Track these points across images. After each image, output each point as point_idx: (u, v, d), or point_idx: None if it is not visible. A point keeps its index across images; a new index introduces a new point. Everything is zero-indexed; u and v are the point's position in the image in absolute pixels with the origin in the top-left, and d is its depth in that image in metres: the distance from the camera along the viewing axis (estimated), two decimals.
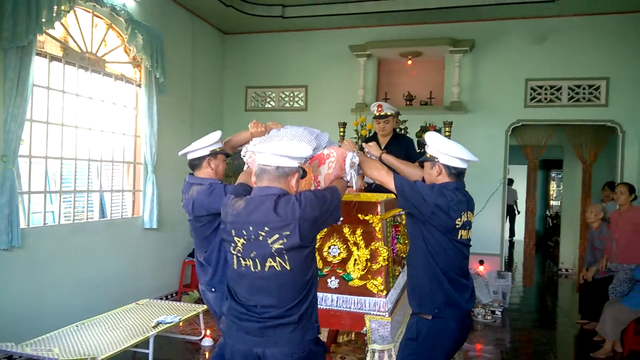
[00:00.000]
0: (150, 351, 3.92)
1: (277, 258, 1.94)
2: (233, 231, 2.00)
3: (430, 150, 2.49)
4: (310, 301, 2.02)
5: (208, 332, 4.74)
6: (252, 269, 1.97)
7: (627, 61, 6.07)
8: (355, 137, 5.53)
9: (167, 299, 6.17)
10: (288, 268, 1.94)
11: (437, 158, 2.44)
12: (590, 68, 6.19)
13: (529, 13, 6.20)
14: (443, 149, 2.42)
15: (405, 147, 4.16)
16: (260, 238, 1.94)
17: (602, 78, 6.16)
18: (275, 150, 1.99)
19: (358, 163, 2.51)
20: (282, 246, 1.92)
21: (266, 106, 7.52)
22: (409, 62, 6.72)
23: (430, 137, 2.50)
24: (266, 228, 1.93)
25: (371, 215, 2.80)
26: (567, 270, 8.98)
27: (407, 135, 5.19)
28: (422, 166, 2.63)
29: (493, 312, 5.90)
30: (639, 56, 6.01)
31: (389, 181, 2.43)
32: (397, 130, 5.40)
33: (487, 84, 6.54)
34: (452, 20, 6.50)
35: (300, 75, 7.26)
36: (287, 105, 7.41)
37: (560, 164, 10.35)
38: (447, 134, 5.32)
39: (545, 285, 8.13)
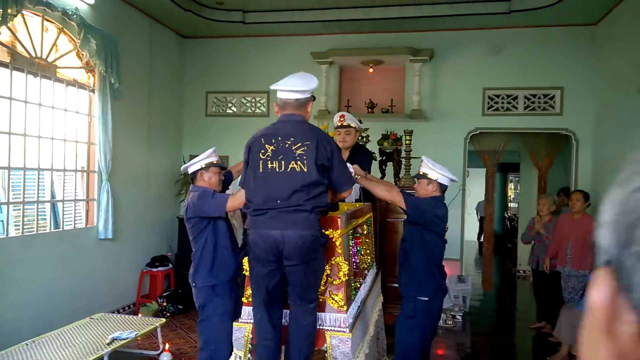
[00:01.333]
0: None
1: (299, 162, 2.46)
2: (263, 139, 2.53)
3: (424, 170, 3.26)
4: (317, 202, 2.49)
5: (167, 346, 4.61)
6: (277, 170, 2.48)
7: (579, 72, 6.29)
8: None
9: (124, 310, 5.97)
10: (305, 170, 2.46)
11: (431, 176, 3.22)
12: (545, 78, 6.38)
13: (486, 24, 6.34)
14: (440, 170, 3.23)
15: (366, 159, 4.18)
16: (287, 145, 2.48)
17: (556, 88, 6.36)
18: (293, 86, 2.57)
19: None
20: (303, 152, 2.48)
21: (227, 112, 7.40)
22: (371, 70, 6.76)
23: (427, 161, 3.28)
24: (292, 138, 2.49)
25: (331, 230, 2.77)
26: (524, 272, 9.23)
27: (367, 145, 5.21)
28: (415, 180, 3.40)
29: (454, 317, 5.99)
30: (591, 67, 6.23)
31: (400, 200, 3.16)
32: (359, 138, 5.43)
33: (447, 93, 6.65)
34: (412, 30, 6.57)
35: (262, 81, 7.16)
36: (248, 111, 7.32)
37: (517, 167, 10.66)
38: (407, 142, 5.37)
39: (503, 288, 8.34)
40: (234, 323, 2.85)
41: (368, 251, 3.79)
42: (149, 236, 6.50)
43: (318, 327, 2.71)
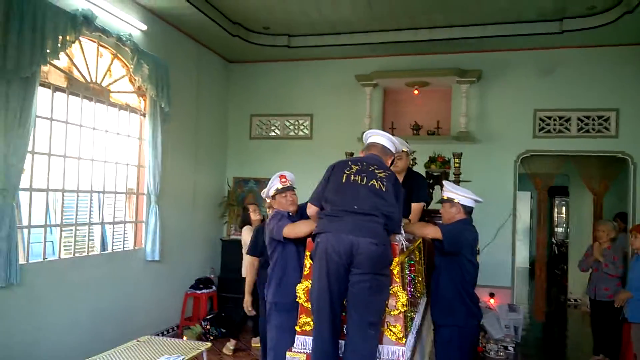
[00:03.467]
0: None
1: (379, 182, 2.64)
2: (349, 162, 2.78)
3: (447, 194, 3.39)
4: (390, 223, 2.60)
5: None
6: (359, 182, 2.64)
7: (636, 92, 6.02)
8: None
9: (167, 333, 5.97)
10: (384, 189, 2.62)
11: (454, 199, 3.34)
12: (599, 99, 6.14)
13: (536, 44, 6.18)
14: (461, 192, 3.35)
15: (422, 188, 4.10)
16: (370, 169, 2.70)
17: (611, 109, 6.10)
18: (387, 135, 2.95)
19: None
20: (384, 176, 2.68)
21: (270, 134, 7.44)
22: (416, 91, 6.67)
23: (447, 184, 3.48)
24: (375, 166, 2.73)
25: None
26: (575, 300, 8.79)
27: (413, 167, 5.09)
28: (440, 203, 3.48)
29: (505, 348, 5.72)
30: None
31: (437, 233, 3.22)
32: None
33: (495, 114, 6.48)
34: (458, 51, 6.47)
35: (305, 104, 7.20)
36: (291, 133, 7.33)
37: (564, 190, 10.26)
38: (456, 164, 5.21)
39: (554, 317, 7.93)
40: (287, 353, 2.76)
41: (420, 279, 3.66)
42: (194, 258, 6.53)
43: None
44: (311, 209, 2.87)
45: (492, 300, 6.16)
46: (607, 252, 5.23)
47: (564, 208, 11.83)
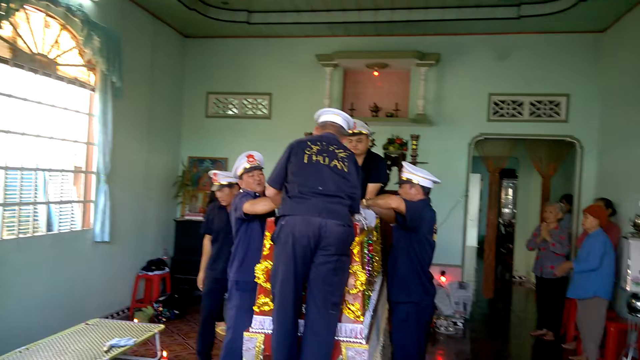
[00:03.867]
0: None
1: (340, 162, 2.65)
2: (308, 142, 2.70)
3: (407, 175, 3.42)
4: (353, 203, 2.63)
5: (165, 353, 4.47)
6: (322, 162, 2.63)
7: (586, 79, 6.25)
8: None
9: (118, 315, 5.82)
10: (346, 170, 2.64)
11: (414, 180, 3.37)
12: (551, 85, 6.33)
13: (494, 29, 6.28)
14: (420, 174, 3.39)
15: (379, 168, 4.10)
16: (330, 149, 2.69)
17: (562, 94, 6.31)
18: (342, 114, 2.91)
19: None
20: (344, 156, 2.69)
21: (228, 113, 7.27)
22: (376, 73, 6.68)
23: (407, 165, 3.48)
24: (335, 146, 2.71)
25: None
26: (520, 277, 9.21)
27: (372, 149, 5.11)
28: (399, 185, 3.52)
29: (455, 324, 5.93)
30: (597, 74, 6.19)
31: (402, 205, 3.23)
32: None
33: (452, 98, 6.58)
34: (418, 34, 6.51)
35: (264, 83, 7.07)
36: (250, 112, 7.20)
37: (512, 173, 10.64)
38: (414, 146, 5.28)
39: (501, 294, 8.27)
40: (245, 333, 2.73)
41: (377, 258, 3.70)
42: (146, 239, 6.35)
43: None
44: (270, 191, 2.86)
45: (443, 278, 6.34)
46: (554, 232, 5.48)
47: (510, 190, 12.25)
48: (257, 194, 3.46)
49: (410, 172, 3.43)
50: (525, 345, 5.70)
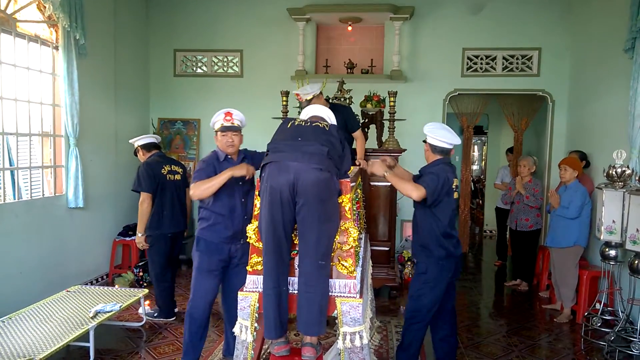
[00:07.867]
0: (91, 344, 3.58)
1: (323, 123, 2.76)
2: (294, 118, 2.84)
3: (425, 131, 3.31)
4: (334, 154, 2.60)
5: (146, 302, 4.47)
6: (303, 125, 2.72)
7: (556, 33, 6.30)
8: (298, 107, 5.30)
9: (97, 282, 5.73)
10: (327, 129, 2.72)
11: (427, 139, 3.29)
12: (524, 38, 6.36)
13: None
14: (431, 133, 3.26)
15: (343, 118, 4.16)
16: (315, 121, 2.79)
17: (534, 48, 6.36)
18: (326, 110, 3.05)
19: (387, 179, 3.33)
20: (328, 123, 2.83)
21: (197, 71, 7.03)
22: (349, 28, 6.54)
23: (428, 124, 3.31)
24: (317, 122, 2.77)
25: (342, 197, 2.66)
26: (491, 232, 9.51)
27: (347, 105, 5.07)
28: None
29: None
30: (567, 27, 6.25)
31: (420, 193, 3.10)
32: (342, 99, 5.27)
33: (426, 53, 6.54)
34: None
35: (234, 39, 6.82)
36: (220, 71, 6.97)
37: (480, 129, 10.82)
38: (391, 103, 5.26)
39: (473, 248, 8.54)
40: (239, 292, 2.73)
41: (362, 215, 3.73)
42: (121, 204, 6.19)
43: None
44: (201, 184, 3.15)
45: None
46: (528, 185, 5.62)
47: (477, 147, 12.49)
48: (227, 156, 3.35)
49: (426, 129, 3.30)
50: (500, 296, 5.93)
